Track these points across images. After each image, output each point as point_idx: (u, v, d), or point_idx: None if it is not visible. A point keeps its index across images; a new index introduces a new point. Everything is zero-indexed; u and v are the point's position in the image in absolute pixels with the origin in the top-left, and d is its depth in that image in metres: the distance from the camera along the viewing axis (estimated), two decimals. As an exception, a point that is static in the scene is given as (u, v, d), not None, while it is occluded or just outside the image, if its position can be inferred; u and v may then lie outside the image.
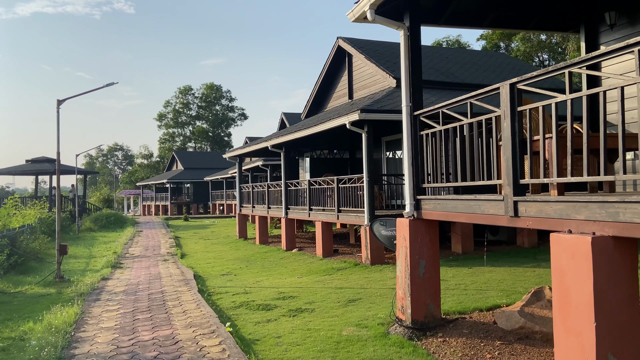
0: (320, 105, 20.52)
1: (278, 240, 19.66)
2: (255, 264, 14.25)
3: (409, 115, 6.22)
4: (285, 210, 17.02)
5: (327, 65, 19.13)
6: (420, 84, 6.32)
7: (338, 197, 13.54)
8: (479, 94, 4.96)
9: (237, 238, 21.92)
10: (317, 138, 17.51)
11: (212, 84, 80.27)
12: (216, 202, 51.48)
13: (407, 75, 6.25)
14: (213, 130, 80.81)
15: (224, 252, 17.66)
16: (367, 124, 11.98)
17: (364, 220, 12.19)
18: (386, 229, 6.96)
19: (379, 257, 11.97)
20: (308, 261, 13.86)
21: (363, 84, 17.33)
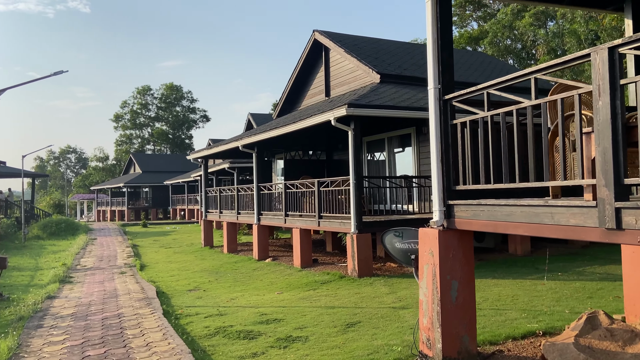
0: (293, 103, 19.20)
1: (248, 249, 18.18)
2: (225, 277, 12.76)
3: (437, 100, 5.00)
4: (257, 216, 15.60)
5: (301, 61, 17.85)
6: (452, 60, 5.12)
7: (319, 202, 12.26)
8: (547, 67, 3.79)
9: (203, 246, 20.27)
10: (292, 138, 16.21)
11: (172, 84, 77.58)
12: (177, 207, 49.25)
13: (435, 50, 5.04)
14: (173, 132, 78.06)
15: (189, 263, 16.05)
16: (354, 120, 10.76)
17: (350, 227, 10.94)
18: (402, 241, 5.71)
19: (367, 268, 10.75)
20: (285, 273, 12.49)
21: (341, 80, 16.14)
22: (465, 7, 47.32)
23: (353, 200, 10.79)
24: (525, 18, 34.59)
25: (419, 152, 13.14)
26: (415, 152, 13.27)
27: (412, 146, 13.34)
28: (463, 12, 48.08)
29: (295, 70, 18.32)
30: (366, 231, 10.87)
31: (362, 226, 10.81)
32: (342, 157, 16.81)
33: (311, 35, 17.01)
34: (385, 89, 12.96)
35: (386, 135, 14.44)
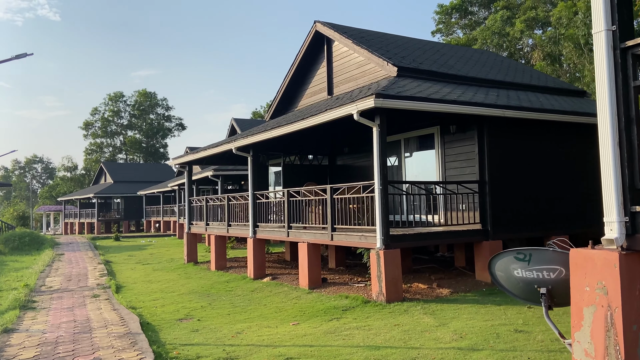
0: (289, 103, 17.42)
1: (239, 265, 16.21)
2: (220, 301, 10.81)
3: (610, 49, 3.31)
4: (253, 229, 13.70)
5: (300, 56, 16.13)
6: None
7: (332, 212, 10.47)
8: None
9: (186, 262, 18.18)
10: (291, 141, 14.43)
11: (145, 90, 74.84)
12: (151, 219, 46.62)
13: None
14: (147, 140, 75.19)
15: (173, 283, 13.99)
16: (381, 114, 9.07)
17: (374, 242, 9.19)
18: (528, 267, 3.97)
19: (396, 292, 8.99)
20: (292, 295, 10.63)
21: (348, 76, 14.46)
22: (451, 14, 46.55)
23: (379, 210, 9.05)
24: (517, 24, 33.77)
25: (444, 154, 11.51)
26: (440, 155, 11.64)
27: (436, 148, 11.71)
28: (449, 20, 47.31)
29: (292, 67, 16.59)
30: (394, 246, 9.13)
31: (390, 240, 9.07)
32: (347, 162, 15.10)
33: (312, 27, 15.32)
34: (405, 82, 11.33)
35: (402, 137, 12.79)
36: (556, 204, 11.37)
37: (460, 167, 10.98)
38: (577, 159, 11.85)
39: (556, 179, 11.44)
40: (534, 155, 11.08)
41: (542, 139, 11.25)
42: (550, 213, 11.23)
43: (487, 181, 10.21)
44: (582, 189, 11.77)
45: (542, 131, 11.28)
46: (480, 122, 10.25)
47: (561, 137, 11.62)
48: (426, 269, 12.07)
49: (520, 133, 10.89)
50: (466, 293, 9.35)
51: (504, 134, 10.56)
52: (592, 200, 12.04)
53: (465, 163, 10.86)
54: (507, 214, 10.49)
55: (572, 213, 11.59)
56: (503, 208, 10.43)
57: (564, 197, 11.53)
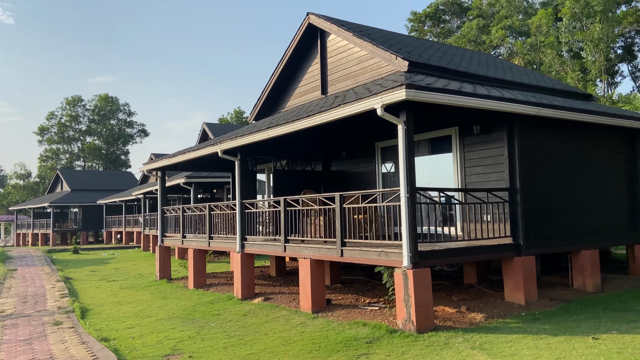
0: (275, 104, 15.95)
1: (221, 283, 14.53)
2: (210, 328, 9.18)
3: None
4: (240, 242, 12.10)
5: (289, 53, 14.71)
6: None
7: (342, 223, 9.05)
8: None
9: (158, 279, 16.32)
10: (283, 144, 12.97)
11: (106, 95, 71.51)
12: (112, 230, 43.86)
13: None
14: (107, 147, 71.74)
15: (148, 304, 12.21)
16: (407, 110, 7.74)
17: (400, 260, 7.81)
18: None
19: (427, 319, 7.62)
20: (294, 321, 9.11)
21: (345, 73, 13.13)
22: (424, 22, 46.20)
23: (406, 221, 7.69)
24: (499, 32, 33.45)
25: (464, 158, 10.29)
26: (458, 159, 10.41)
27: (454, 151, 10.48)
28: (422, 28, 46.94)
29: (280, 64, 15.14)
30: (424, 265, 7.78)
31: (419, 257, 7.72)
32: (344, 168, 13.72)
33: (304, 19, 13.95)
34: (419, 78, 10.06)
35: (414, 139, 11.49)
36: (588, 215, 10.36)
37: (485, 173, 9.78)
38: (611, 167, 10.94)
39: (589, 188, 10.44)
40: (566, 162, 10.02)
41: (573, 143, 10.23)
42: (582, 225, 10.19)
43: (518, 189, 9.03)
44: (617, 199, 10.86)
45: (573, 134, 10.27)
46: (511, 121, 9.09)
47: (593, 142, 10.67)
48: (439, 287, 10.78)
49: (552, 136, 9.82)
50: (505, 319, 8.08)
51: (535, 136, 9.45)
52: (626, 212, 11.23)
53: (491, 168, 9.67)
54: (539, 226, 9.35)
55: (605, 225, 10.62)
56: (535, 219, 9.28)
57: (597, 208, 10.53)
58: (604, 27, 24.61)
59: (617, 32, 27.08)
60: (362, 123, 12.61)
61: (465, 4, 45.20)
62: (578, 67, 26.75)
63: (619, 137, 11.24)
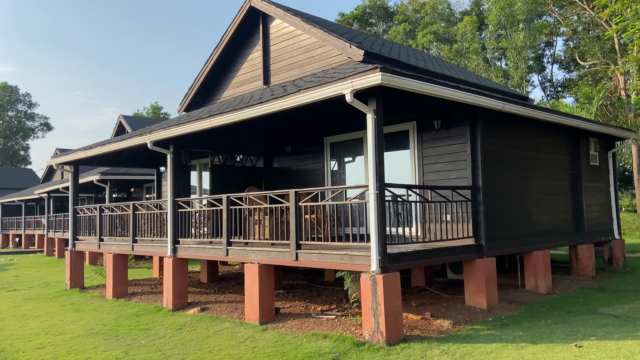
0: (209, 95, 14.65)
1: (145, 291, 12.97)
2: (140, 347, 7.85)
3: None
4: (172, 246, 10.76)
5: (226, 39, 13.52)
6: None
7: (297, 224, 8.12)
8: None
9: (69, 288, 14.36)
10: (222, 136, 11.81)
11: (4, 84, 64.77)
12: (9, 232, 39.45)
13: None
14: (4, 141, 64.97)
15: (60, 318, 10.48)
16: (378, 98, 7.01)
17: (368, 263, 7.03)
18: None
19: (396, 329, 6.90)
20: (241, 335, 8.03)
21: (291, 62, 12.20)
22: (352, 24, 46.34)
23: (375, 221, 6.93)
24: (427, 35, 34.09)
25: (422, 154, 9.75)
26: (416, 155, 9.85)
27: (411, 147, 9.91)
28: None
29: (215, 51, 13.90)
30: (393, 269, 7.06)
31: (388, 260, 6.98)
32: (288, 165, 12.75)
33: (245, 2, 12.84)
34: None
35: (364, 134, 10.82)
36: (540, 215, 10.23)
37: (445, 171, 9.29)
38: (558, 167, 10.94)
39: (541, 188, 10.33)
40: (520, 161, 9.80)
41: (526, 142, 10.06)
42: (535, 225, 10.04)
43: (481, 187, 8.61)
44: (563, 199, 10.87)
45: (526, 133, 10.10)
46: (474, 116, 8.67)
47: (543, 142, 10.59)
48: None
49: (508, 134, 9.55)
50: (473, 325, 7.56)
51: (494, 133, 9.11)
52: (582, 213, 11.31)
53: (451, 165, 9.20)
54: (499, 227, 9.01)
55: (554, 225, 10.57)
56: (495, 219, 8.92)
57: (547, 208, 10.44)
58: (526, 35, 25.76)
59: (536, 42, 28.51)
60: (311, 116, 11.78)
61: (391, 9, 45.90)
62: (501, 74, 27.82)
63: (564, 137, 11.31)
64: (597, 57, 31.39)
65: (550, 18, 34.07)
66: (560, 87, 39.68)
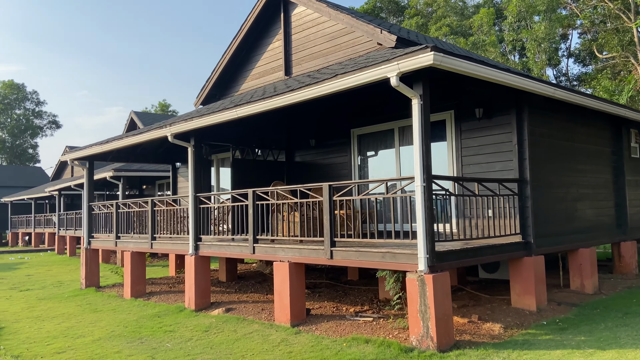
0: (226, 87, 14.12)
1: (163, 291, 12.48)
2: (167, 352, 7.34)
3: None
4: (194, 243, 10.25)
5: (245, 28, 12.99)
6: None
7: (332, 220, 7.57)
8: None
9: (84, 287, 13.91)
10: (241, 130, 11.30)
11: (12, 82, 64.59)
12: (19, 231, 39.15)
13: None
14: (12, 140, 64.86)
15: (77, 320, 10.01)
16: (424, 82, 6.44)
17: (415, 262, 6.47)
18: None
19: (447, 334, 6.34)
20: (273, 338, 7.50)
21: (314, 51, 11.64)
22: (362, 18, 45.51)
23: (423, 217, 6.37)
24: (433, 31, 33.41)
25: (460, 146, 9.16)
26: (454, 146, 9.26)
27: (449, 138, 9.33)
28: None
29: (234, 41, 13.36)
30: (442, 268, 6.50)
31: (437, 259, 6.42)
32: (311, 159, 12.18)
33: (266, -13, 12.30)
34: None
35: (397, 125, 10.25)
36: (586, 211, 9.63)
37: (487, 163, 8.70)
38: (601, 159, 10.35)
39: (587, 182, 9.73)
40: (566, 152, 9.20)
41: (571, 132, 9.46)
42: (581, 221, 9.45)
43: (528, 180, 8.03)
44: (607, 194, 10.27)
45: (571, 122, 9.51)
46: (520, 104, 8.08)
47: (587, 133, 9.99)
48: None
49: (553, 123, 8.94)
50: (527, 329, 6.99)
51: (541, 122, 8.51)
52: (625, 208, 10.72)
53: (494, 157, 8.61)
54: (547, 223, 8.42)
55: (598, 221, 9.98)
56: (543, 215, 8.34)
57: (592, 203, 9.84)
58: (546, 27, 25.09)
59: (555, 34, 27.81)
60: (336, 107, 11.23)
61: (401, 3, 45.20)
62: (520, 67, 27.16)
63: (606, 128, 10.69)
64: (616, 50, 30.63)
65: (565, 11, 33.35)
66: (575, 81, 38.88)
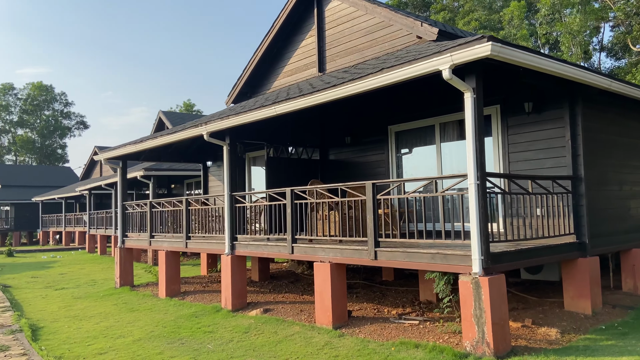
0: (258, 86, 13.97)
1: (197, 290, 12.40)
2: (208, 353, 7.20)
3: None
4: (230, 242, 10.12)
5: (278, 24, 12.81)
6: None
7: (375, 219, 7.32)
8: None
9: (118, 286, 13.94)
10: (274, 128, 11.13)
11: (40, 83, 65.88)
12: (49, 230, 39.86)
13: None
14: (42, 140, 66.20)
15: (115, 319, 9.97)
16: (478, 73, 6.13)
17: (469, 264, 6.18)
18: None
19: (504, 340, 6.04)
20: (316, 341, 7.30)
21: (349, 46, 11.39)
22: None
23: (476, 216, 6.08)
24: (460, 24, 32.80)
25: (507, 142, 8.81)
26: (500, 143, 8.91)
27: (494, 134, 8.98)
28: None
29: (265, 38, 13.20)
30: (497, 270, 6.20)
31: (491, 261, 6.12)
32: (346, 157, 11.94)
33: (299, -17, 12.10)
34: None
35: (437, 121, 9.94)
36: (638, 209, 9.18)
37: (536, 159, 8.33)
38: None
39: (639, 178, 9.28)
40: (619, 148, 8.76)
41: (623, 127, 9.01)
42: (634, 219, 9.00)
43: (582, 178, 7.64)
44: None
45: (624, 117, 9.05)
46: (573, 97, 7.69)
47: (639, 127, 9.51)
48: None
49: (606, 117, 8.52)
50: (585, 334, 6.64)
51: (595, 117, 8.11)
52: None
53: (544, 153, 8.24)
54: (601, 222, 8.02)
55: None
56: (598, 213, 7.94)
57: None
58: (581, 19, 24.35)
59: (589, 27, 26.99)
60: (372, 103, 10.98)
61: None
62: (553, 61, 26.41)
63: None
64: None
65: (596, 4, 32.33)
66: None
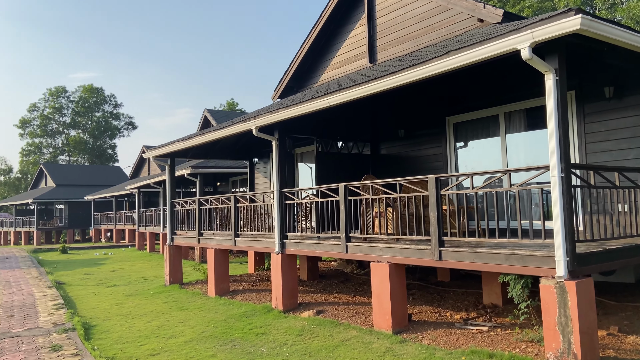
0: (304, 79, 13.59)
1: (245, 289, 12.15)
2: (263, 357, 6.84)
3: None
4: (280, 240, 9.77)
5: (326, 14, 12.38)
6: None
7: (438, 215, 6.75)
8: None
9: (168, 284, 13.89)
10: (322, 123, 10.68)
11: (91, 86, 68.14)
12: (101, 227, 41.05)
13: None
14: (93, 141, 68.46)
15: (166, 318, 9.80)
16: (561, 53, 5.47)
17: (551, 265, 5.54)
18: None
19: (593, 350, 5.37)
20: (376, 346, 6.81)
21: (402, 34, 10.82)
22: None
23: (561, 212, 5.43)
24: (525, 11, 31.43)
25: (584, 131, 8.04)
26: (575, 132, 8.16)
27: (570, 123, 8.22)
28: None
29: (313, 30, 12.79)
30: (584, 273, 5.53)
31: (577, 262, 5.46)
32: (398, 151, 11.39)
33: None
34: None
35: (502, 110, 9.25)
36: None
37: (617, 150, 7.55)
38: None
39: None
40: None
41: None
42: None
43: (676, 169, 6.83)
44: None
45: None
46: (663, 80, 6.89)
47: None
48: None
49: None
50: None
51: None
52: None
53: (628, 143, 7.45)
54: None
55: None
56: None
57: None
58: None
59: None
60: (427, 93, 10.38)
61: (474, -12, 43.09)
62: None
63: None
64: None
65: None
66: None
